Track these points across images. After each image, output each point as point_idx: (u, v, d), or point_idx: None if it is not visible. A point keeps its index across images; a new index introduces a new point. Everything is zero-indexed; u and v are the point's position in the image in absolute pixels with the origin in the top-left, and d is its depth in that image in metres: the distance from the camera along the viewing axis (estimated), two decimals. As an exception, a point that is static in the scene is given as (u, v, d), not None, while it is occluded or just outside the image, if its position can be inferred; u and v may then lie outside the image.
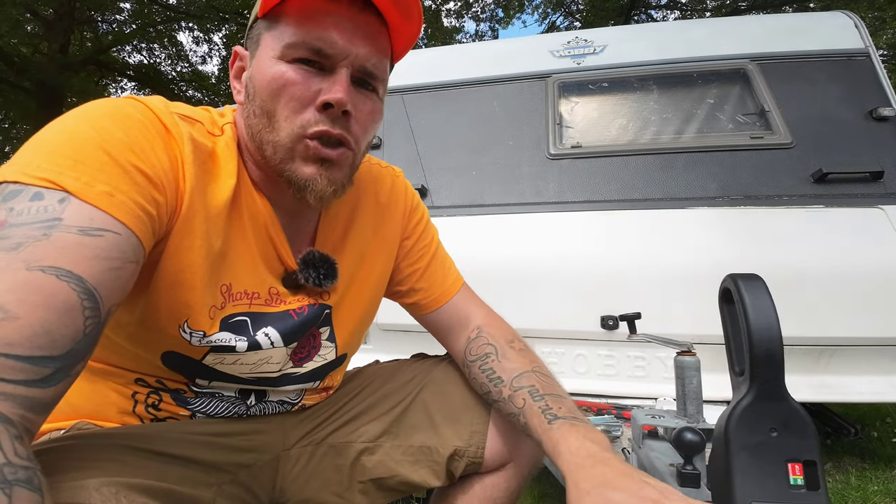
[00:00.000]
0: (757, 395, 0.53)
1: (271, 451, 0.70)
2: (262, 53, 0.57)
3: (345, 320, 0.72)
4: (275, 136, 0.55)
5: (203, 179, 0.54)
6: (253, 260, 0.60)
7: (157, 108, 0.52)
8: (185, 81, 12.15)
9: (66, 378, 0.38)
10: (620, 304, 1.62)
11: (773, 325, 0.52)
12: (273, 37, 0.56)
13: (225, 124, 0.60)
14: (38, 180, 0.40)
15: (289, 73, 0.54)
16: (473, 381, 0.75)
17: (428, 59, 2.40)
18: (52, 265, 0.37)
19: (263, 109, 0.55)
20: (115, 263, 0.41)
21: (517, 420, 0.66)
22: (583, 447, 0.54)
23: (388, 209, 0.77)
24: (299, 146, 0.55)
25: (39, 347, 0.35)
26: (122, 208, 0.43)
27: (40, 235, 0.38)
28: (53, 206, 0.40)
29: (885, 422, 2.20)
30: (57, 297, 0.37)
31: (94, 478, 0.43)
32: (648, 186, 1.85)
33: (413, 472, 0.72)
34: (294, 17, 0.54)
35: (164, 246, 0.51)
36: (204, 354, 0.58)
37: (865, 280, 1.57)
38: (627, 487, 0.47)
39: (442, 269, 0.82)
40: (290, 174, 0.56)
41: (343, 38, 0.54)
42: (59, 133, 0.45)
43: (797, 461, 0.50)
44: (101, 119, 0.47)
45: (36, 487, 0.32)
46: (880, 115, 1.77)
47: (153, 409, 0.61)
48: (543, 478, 1.50)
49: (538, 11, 12.18)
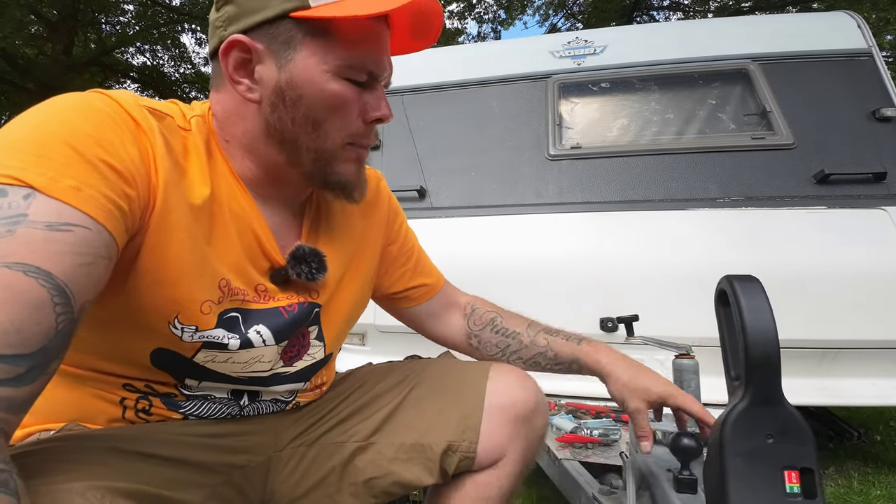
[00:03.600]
0: (753, 400, 0.51)
1: (263, 453, 0.69)
2: (306, 62, 0.56)
3: (333, 319, 0.72)
4: (321, 143, 0.59)
5: (177, 173, 0.53)
6: (237, 256, 0.59)
7: (126, 101, 0.50)
8: (188, 83, 12.20)
9: (41, 376, 0.37)
10: (620, 306, 1.61)
11: (769, 328, 0.51)
12: (322, 48, 0.56)
13: (192, 117, 0.58)
14: (1, 177, 0.39)
15: (347, 91, 0.58)
16: (487, 344, 0.86)
17: (427, 59, 2.39)
18: (18, 261, 0.36)
19: (310, 118, 0.58)
20: (86, 259, 0.40)
21: (545, 356, 0.82)
22: (614, 353, 0.80)
23: (375, 210, 0.80)
24: (343, 152, 0.61)
25: (10, 346, 0.34)
26: (91, 203, 0.42)
27: (4, 232, 0.37)
28: (18, 203, 0.38)
29: (888, 425, 2.18)
30: (26, 294, 0.36)
31: (79, 481, 0.42)
32: (649, 188, 1.84)
33: (406, 471, 0.72)
34: (352, 35, 0.57)
35: (141, 241, 0.49)
36: (195, 352, 0.57)
37: (868, 282, 1.55)
38: (653, 377, 0.76)
39: (427, 264, 0.89)
40: (338, 176, 0.61)
41: (387, 61, 0.61)
42: (23, 129, 0.43)
43: (794, 468, 0.49)
44: (67, 113, 0.45)
45: (12, 490, 0.32)
46: (883, 115, 1.75)
47: (144, 415, 0.59)
48: (542, 482, 1.49)
49: (539, 13, 12.19)
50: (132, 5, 10.56)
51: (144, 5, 10.46)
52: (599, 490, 1.09)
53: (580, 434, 1.36)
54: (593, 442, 1.34)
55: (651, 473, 0.85)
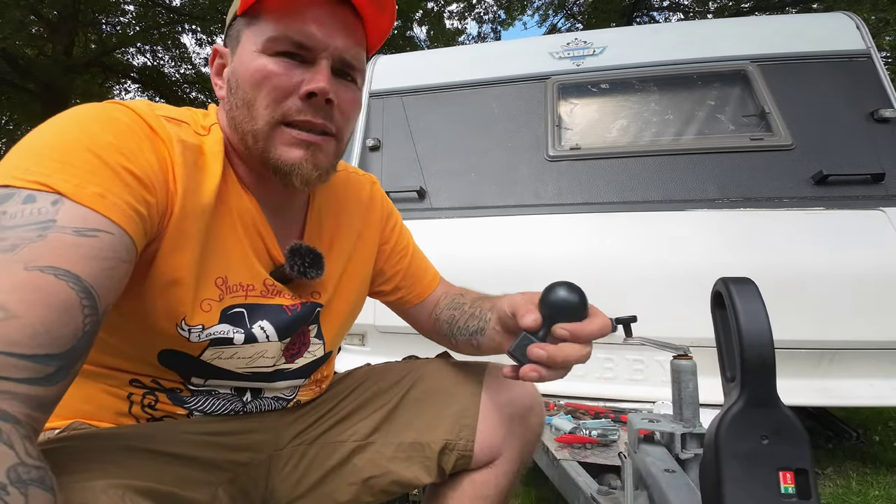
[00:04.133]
0: (748, 401, 0.51)
1: (265, 451, 0.71)
2: (243, 49, 0.58)
3: (333, 319, 0.74)
4: (253, 124, 0.57)
5: (194, 179, 0.55)
6: (245, 253, 0.61)
7: (143, 111, 0.53)
8: (189, 83, 12.20)
9: (68, 376, 0.39)
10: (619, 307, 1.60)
11: (764, 330, 0.51)
12: (253, 32, 0.57)
13: (211, 125, 0.61)
14: (30, 183, 0.41)
15: (270, 64, 0.56)
16: (441, 322, 0.82)
17: (427, 60, 2.40)
18: (49, 265, 0.38)
19: (244, 101, 0.57)
20: (109, 263, 0.42)
21: (475, 316, 0.75)
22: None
23: (369, 213, 0.81)
24: (277, 132, 0.57)
25: (41, 346, 0.36)
26: (115, 209, 0.43)
27: (36, 237, 0.38)
28: (47, 208, 0.40)
29: (887, 426, 2.18)
30: (56, 296, 0.37)
31: (98, 479, 0.43)
32: (647, 188, 1.84)
33: (405, 469, 0.73)
34: (274, 12, 0.56)
35: (157, 246, 0.51)
36: (202, 350, 0.58)
37: (866, 283, 1.55)
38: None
39: (422, 266, 0.88)
40: (276, 160, 0.57)
41: (322, 31, 0.57)
42: (45, 137, 0.45)
43: (789, 469, 0.49)
44: (88, 122, 0.47)
45: (49, 487, 0.33)
46: (881, 116, 1.75)
47: (150, 409, 0.61)
48: (540, 482, 1.49)
49: (539, 13, 12.19)
50: (132, 6, 10.57)
51: (145, 6, 10.46)
52: (598, 490, 1.09)
53: (579, 434, 1.37)
54: (592, 442, 1.34)
55: (649, 474, 0.86)
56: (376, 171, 2.11)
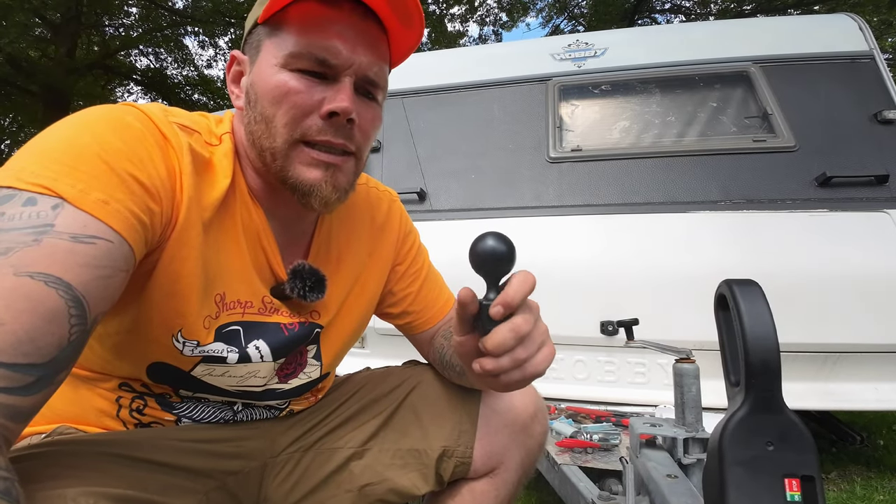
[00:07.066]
0: (752, 406, 0.51)
1: (258, 458, 0.69)
2: (263, 60, 0.56)
3: (333, 341, 0.71)
4: (272, 141, 0.55)
5: (200, 190, 0.53)
6: (245, 268, 0.59)
7: (157, 116, 0.51)
8: (191, 85, 12.25)
9: (49, 386, 0.38)
10: (621, 310, 1.60)
11: (769, 333, 0.50)
12: (275, 44, 0.55)
13: (223, 134, 0.59)
14: (33, 186, 0.40)
15: (291, 81, 0.54)
16: (435, 351, 0.78)
17: (428, 62, 2.39)
18: (40, 271, 0.37)
19: (263, 116, 0.55)
20: (105, 272, 0.41)
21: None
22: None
23: (384, 232, 0.77)
24: (295, 151, 0.55)
25: (24, 354, 0.35)
26: (117, 217, 0.42)
27: (31, 241, 0.37)
28: (46, 212, 0.39)
29: (891, 430, 2.17)
30: (44, 304, 0.36)
31: (72, 487, 0.42)
32: (649, 190, 1.83)
33: (402, 477, 0.71)
34: (297, 25, 0.54)
35: (159, 255, 0.50)
36: (193, 365, 0.57)
37: (870, 285, 1.54)
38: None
39: (434, 290, 0.82)
40: (294, 180, 0.56)
41: (346, 48, 0.54)
42: (56, 140, 0.44)
43: (794, 476, 0.48)
44: (100, 127, 0.46)
45: (13, 499, 0.32)
46: (885, 117, 1.74)
47: (137, 414, 0.60)
48: (541, 486, 1.48)
49: (542, 15, 12.21)
50: (135, 8, 10.60)
51: (148, 8, 10.50)
52: (599, 496, 1.08)
53: (580, 438, 1.36)
54: (593, 446, 1.33)
55: (651, 479, 0.85)
56: (376, 172, 2.11)
